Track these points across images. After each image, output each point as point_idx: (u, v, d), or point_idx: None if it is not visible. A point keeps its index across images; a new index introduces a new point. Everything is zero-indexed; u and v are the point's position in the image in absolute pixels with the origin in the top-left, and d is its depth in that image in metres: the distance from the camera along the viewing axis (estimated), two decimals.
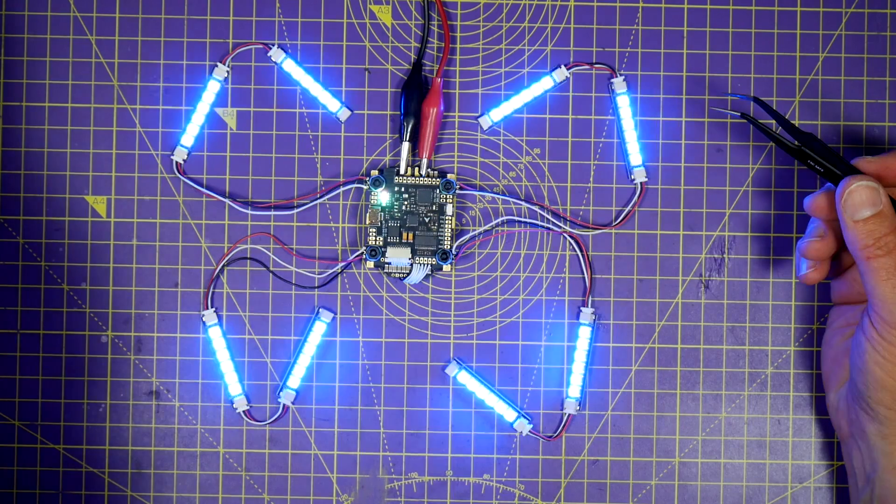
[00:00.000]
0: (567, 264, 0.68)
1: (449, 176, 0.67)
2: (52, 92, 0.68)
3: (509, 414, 0.67)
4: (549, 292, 0.68)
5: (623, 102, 0.68)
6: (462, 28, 0.68)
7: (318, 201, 0.68)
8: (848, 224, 0.59)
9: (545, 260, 0.68)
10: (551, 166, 0.68)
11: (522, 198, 0.68)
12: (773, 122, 0.63)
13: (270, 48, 0.68)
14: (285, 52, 0.68)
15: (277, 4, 0.68)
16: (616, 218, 0.68)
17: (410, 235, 0.67)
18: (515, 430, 0.67)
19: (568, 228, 0.68)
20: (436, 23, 0.68)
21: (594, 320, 0.68)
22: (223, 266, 0.68)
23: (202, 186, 0.68)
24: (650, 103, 0.68)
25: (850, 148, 0.68)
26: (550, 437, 0.68)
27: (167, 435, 0.68)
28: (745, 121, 0.63)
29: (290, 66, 0.68)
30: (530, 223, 0.68)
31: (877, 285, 0.58)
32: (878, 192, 0.59)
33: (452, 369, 0.67)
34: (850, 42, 0.68)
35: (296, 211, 0.68)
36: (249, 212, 0.68)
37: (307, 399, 0.68)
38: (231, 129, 0.68)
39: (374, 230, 0.67)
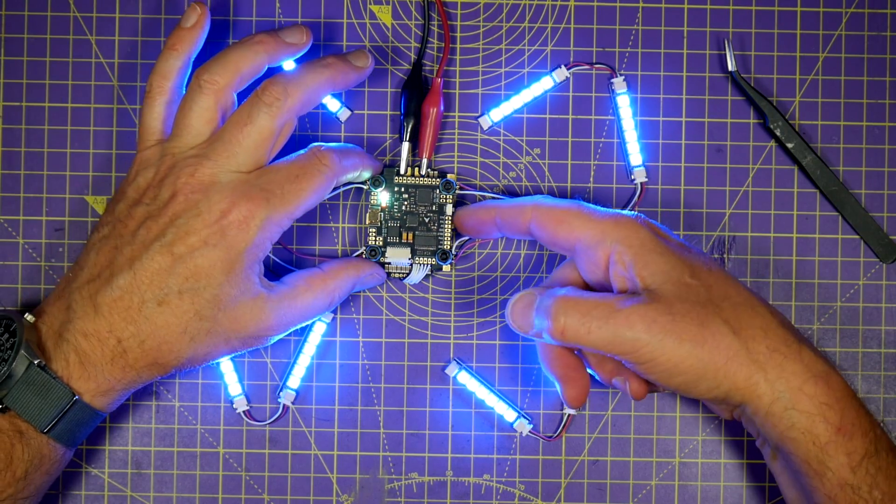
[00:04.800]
0: None
1: (449, 176, 0.67)
2: (52, 92, 0.68)
3: (509, 414, 0.67)
4: None
5: (623, 102, 0.67)
6: (462, 28, 0.68)
7: None
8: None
9: (545, 260, 0.68)
10: (551, 166, 0.68)
11: None
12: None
13: None
14: None
15: (277, 4, 0.68)
16: None
17: (410, 235, 0.66)
18: (515, 431, 0.67)
19: None
20: (436, 23, 0.68)
21: None
22: None
23: None
24: (650, 103, 0.68)
25: (851, 148, 0.68)
26: (550, 437, 0.68)
27: (167, 435, 0.68)
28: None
29: (290, 66, 0.68)
30: None
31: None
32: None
33: (452, 369, 0.67)
34: (850, 42, 0.68)
35: None
36: None
37: (307, 399, 0.68)
38: None
39: (374, 230, 0.67)
